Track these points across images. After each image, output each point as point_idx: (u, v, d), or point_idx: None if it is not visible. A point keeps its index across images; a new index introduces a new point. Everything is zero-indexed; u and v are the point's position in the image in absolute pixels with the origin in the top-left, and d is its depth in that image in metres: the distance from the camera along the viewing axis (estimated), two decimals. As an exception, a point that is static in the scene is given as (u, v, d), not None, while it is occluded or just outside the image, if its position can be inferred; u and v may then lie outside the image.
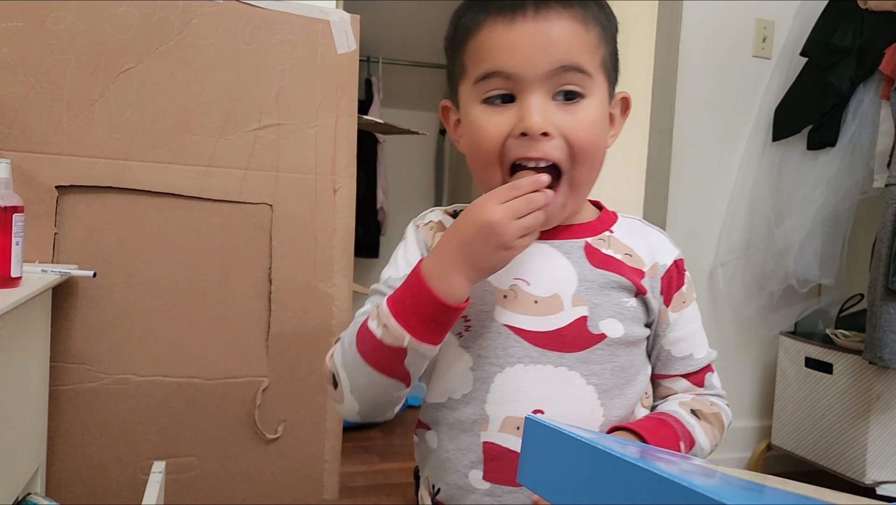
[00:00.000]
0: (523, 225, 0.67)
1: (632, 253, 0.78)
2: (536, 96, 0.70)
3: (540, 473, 0.45)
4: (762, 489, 0.47)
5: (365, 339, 0.69)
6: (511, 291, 0.74)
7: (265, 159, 1.34)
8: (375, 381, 0.69)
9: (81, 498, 1.26)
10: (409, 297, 0.68)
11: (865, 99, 2.01)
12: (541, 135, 0.69)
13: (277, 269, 1.36)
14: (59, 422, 1.24)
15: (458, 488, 0.76)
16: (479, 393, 0.74)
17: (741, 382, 2.29)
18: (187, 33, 1.28)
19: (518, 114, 0.71)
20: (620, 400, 0.75)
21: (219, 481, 1.36)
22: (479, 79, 0.72)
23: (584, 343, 0.73)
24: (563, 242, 0.77)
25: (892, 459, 1.95)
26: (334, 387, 0.73)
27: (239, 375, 1.35)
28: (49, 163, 1.21)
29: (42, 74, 1.20)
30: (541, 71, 0.70)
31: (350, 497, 2.01)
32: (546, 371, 0.73)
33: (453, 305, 0.66)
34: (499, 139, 0.71)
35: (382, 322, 0.68)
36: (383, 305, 0.69)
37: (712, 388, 0.83)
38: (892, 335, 1.75)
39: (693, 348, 0.81)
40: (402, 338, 0.67)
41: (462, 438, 0.75)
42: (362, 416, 0.73)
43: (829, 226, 2.09)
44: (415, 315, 0.67)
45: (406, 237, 0.81)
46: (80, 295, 1.24)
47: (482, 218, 0.67)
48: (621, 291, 0.75)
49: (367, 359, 0.69)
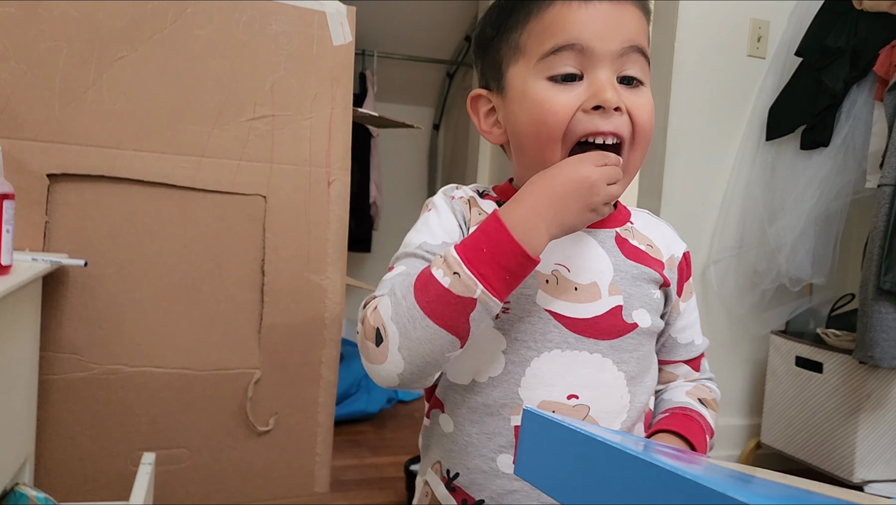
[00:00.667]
0: (611, 192, 0.68)
1: (652, 244, 0.80)
2: (607, 71, 0.71)
3: (538, 465, 0.44)
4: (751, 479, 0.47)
5: (427, 288, 0.64)
6: (553, 276, 0.74)
7: (259, 150, 1.33)
8: (433, 336, 0.64)
9: (70, 489, 1.25)
10: (488, 245, 0.64)
11: (859, 100, 2.02)
12: (614, 109, 0.70)
13: (270, 260, 1.36)
14: (48, 412, 1.23)
15: (481, 473, 0.75)
16: (511, 376, 0.74)
17: (732, 380, 2.30)
18: (182, 22, 1.27)
19: (589, 89, 0.70)
20: (642, 387, 0.77)
21: (209, 473, 1.35)
22: (547, 54, 0.71)
23: (619, 331, 0.75)
24: (597, 231, 0.78)
25: (880, 458, 1.96)
26: (377, 344, 0.66)
27: (231, 366, 1.35)
28: (40, 151, 1.20)
29: (34, 61, 1.19)
30: (614, 47, 0.70)
31: (341, 491, 2.01)
32: (581, 357, 0.74)
33: (534, 257, 0.65)
34: (567, 114, 0.70)
35: (452, 270, 0.63)
36: (453, 253, 0.65)
37: (705, 371, 0.88)
38: (882, 335, 1.76)
39: (695, 335, 0.85)
40: (475, 288, 0.63)
41: (488, 422, 0.74)
42: (402, 379, 0.66)
43: (822, 225, 2.10)
44: (492, 265, 0.64)
45: (436, 206, 0.78)
46: (70, 284, 1.23)
47: (582, 174, 0.67)
48: (650, 282, 0.77)
49: (427, 310, 0.64)
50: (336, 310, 1.41)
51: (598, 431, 0.43)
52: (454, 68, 3.63)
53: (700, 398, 0.83)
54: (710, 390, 0.85)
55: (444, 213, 0.77)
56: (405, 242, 0.77)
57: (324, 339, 1.41)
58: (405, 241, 0.77)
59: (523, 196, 0.67)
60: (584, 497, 0.40)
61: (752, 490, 0.40)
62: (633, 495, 0.37)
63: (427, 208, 0.80)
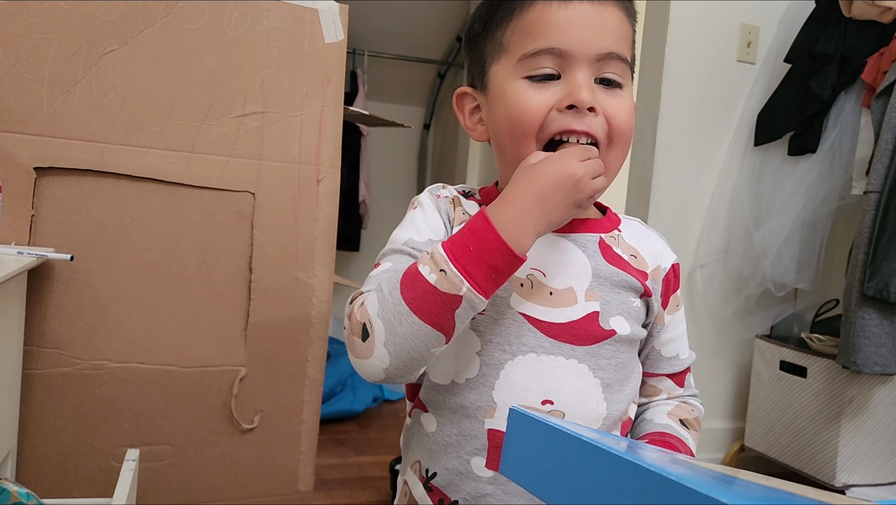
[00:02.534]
0: (595, 186, 0.69)
1: (636, 255, 0.80)
2: (584, 74, 0.71)
3: (523, 464, 0.45)
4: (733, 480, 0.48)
5: (414, 284, 0.65)
6: (528, 280, 0.74)
7: (249, 147, 1.33)
8: (418, 331, 0.65)
9: (53, 484, 1.25)
10: (475, 243, 0.65)
11: (846, 107, 2.04)
12: (587, 110, 0.70)
13: (258, 257, 1.35)
14: (31, 407, 1.23)
15: (457, 474, 0.75)
16: (486, 379, 0.74)
17: (716, 384, 2.31)
18: (173, 17, 1.27)
19: (565, 89, 0.71)
20: (620, 396, 0.77)
21: (193, 470, 1.35)
22: (526, 56, 0.72)
23: (595, 337, 0.74)
24: (579, 236, 0.78)
25: (861, 462, 1.98)
26: (363, 339, 0.67)
27: (216, 363, 1.34)
28: (28, 143, 1.19)
29: (23, 54, 1.18)
30: (593, 52, 0.71)
31: (324, 490, 2.00)
32: (557, 362, 0.73)
33: (521, 255, 0.65)
34: (541, 112, 0.71)
35: (439, 267, 0.64)
36: (439, 250, 0.66)
37: (690, 387, 0.87)
38: (865, 340, 1.77)
39: (679, 349, 0.84)
40: (461, 286, 0.64)
41: (464, 424, 0.75)
42: (388, 374, 0.67)
43: (807, 231, 2.11)
44: (478, 263, 0.64)
45: (422, 204, 0.79)
46: (56, 278, 1.23)
47: (567, 171, 0.67)
48: (630, 290, 0.77)
49: (413, 306, 0.64)
50: (323, 308, 1.41)
51: (583, 432, 0.44)
52: (445, 68, 3.63)
53: (682, 419, 0.83)
54: (692, 409, 0.85)
55: (430, 211, 0.78)
56: (391, 239, 0.77)
57: (310, 337, 1.41)
58: (391, 238, 0.77)
59: (510, 194, 0.67)
60: (568, 497, 0.41)
61: (733, 491, 0.40)
62: (618, 496, 0.37)
63: (413, 206, 0.80)
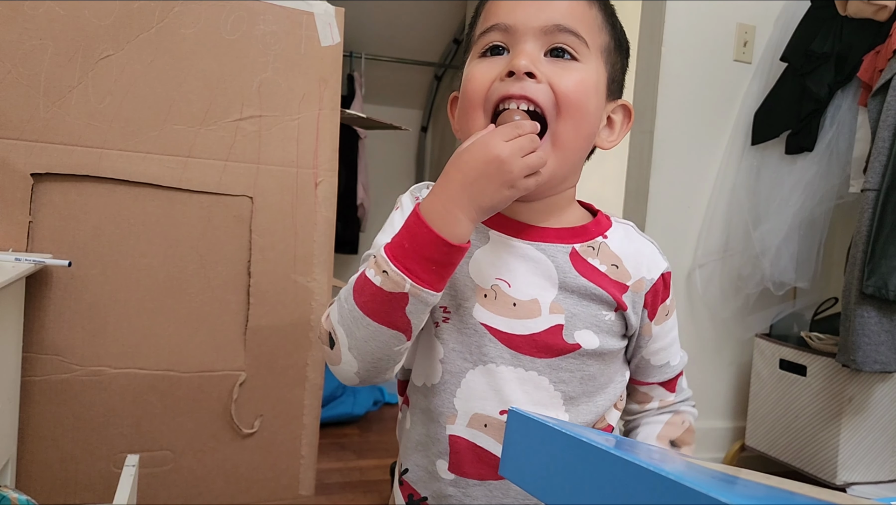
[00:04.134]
0: (528, 164, 0.67)
1: (619, 265, 0.77)
2: (528, 45, 0.72)
3: (523, 465, 0.44)
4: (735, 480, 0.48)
5: (363, 289, 0.67)
6: (492, 290, 0.74)
7: (246, 151, 1.33)
8: (375, 333, 0.67)
9: (53, 491, 1.24)
10: (409, 239, 0.65)
11: (843, 105, 2.04)
12: (526, 75, 0.70)
13: (257, 262, 1.35)
14: (30, 414, 1.22)
15: (425, 472, 0.77)
16: (448, 386, 0.75)
17: (716, 383, 2.31)
18: (169, 21, 1.27)
19: (509, 60, 0.72)
20: (588, 407, 0.76)
21: (193, 476, 1.35)
22: (479, 36, 0.75)
23: (557, 351, 0.74)
24: (549, 246, 0.76)
25: (862, 460, 1.98)
26: (331, 347, 0.70)
27: (216, 368, 1.34)
28: (25, 150, 1.19)
29: (19, 59, 1.18)
30: (535, 24, 0.72)
31: (326, 494, 2.00)
32: (517, 374, 0.73)
33: (457, 244, 0.65)
34: (486, 82, 0.72)
35: (381, 269, 0.65)
36: (381, 252, 0.67)
37: (682, 392, 0.86)
38: (865, 338, 1.77)
39: (670, 357, 0.83)
40: (403, 283, 0.64)
41: (431, 426, 0.76)
42: (360, 376, 0.70)
43: (806, 230, 2.11)
44: (415, 258, 0.65)
45: (402, 206, 0.80)
46: (54, 285, 1.22)
47: (490, 154, 0.66)
48: (601, 303, 0.75)
49: (365, 310, 0.66)
50: (322, 311, 1.41)
51: (582, 432, 0.43)
52: (442, 71, 3.64)
53: (672, 440, 0.82)
54: (682, 421, 0.84)
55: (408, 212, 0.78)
56: (373, 244, 0.78)
57: (310, 341, 1.41)
58: (373, 242, 0.78)
59: (439, 186, 0.68)
60: (568, 497, 0.40)
61: (734, 490, 0.40)
62: (617, 496, 0.37)
63: (396, 207, 0.81)
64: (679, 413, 0.85)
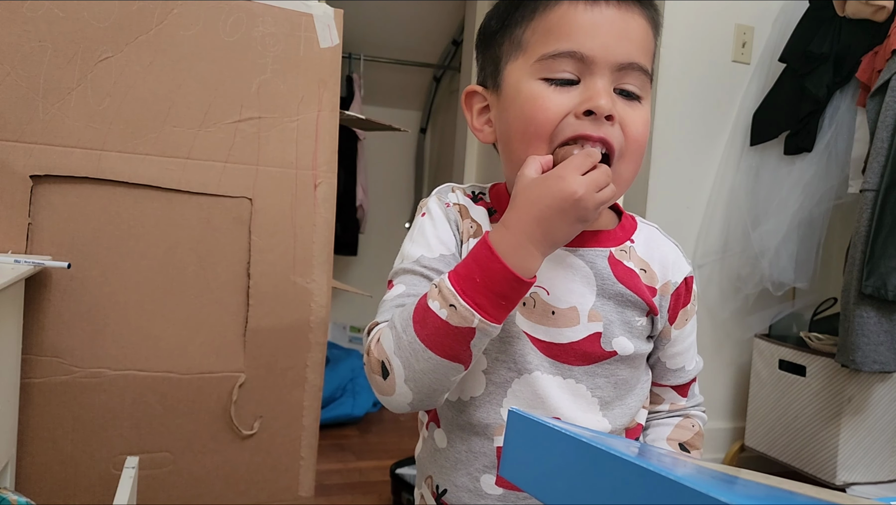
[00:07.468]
0: (602, 199, 0.65)
1: (647, 268, 0.77)
2: (605, 81, 0.69)
3: (523, 466, 0.45)
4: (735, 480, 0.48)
5: (425, 321, 0.64)
6: (531, 298, 0.73)
7: (245, 153, 1.33)
8: (436, 366, 0.64)
9: (52, 493, 1.24)
10: (480, 273, 0.63)
11: (842, 106, 2.04)
12: (605, 118, 0.68)
13: (256, 263, 1.35)
14: (30, 415, 1.22)
15: (467, 491, 0.75)
16: (493, 397, 0.73)
17: (716, 384, 2.31)
18: (168, 23, 1.27)
19: (584, 94, 0.69)
20: (622, 410, 0.76)
21: (193, 477, 1.34)
22: (546, 56, 0.70)
23: (595, 358, 0.73)
24: (587, 251, 0.75)
25: (861, 460, 1.98)
26: (383, 377, 0.67)
27: (215, 370, 1.34)
28: (24, 152, 1.19)
29: (18, 61, 1.18)
30: (615, 60, 0.69)
31: (325, 495, 2.00)
32: (556, 382, 0.73)
33: (528, 280, 0.64)
34: (558, 115, 0.69)
35: (448, 302, 0.63)
36: (447, 284, 0.64)
37: (693, 397, 0.86)
38: (864, 339, 1.77)
39: (686, 361, 0.83)
40: (472, 318, 0.63)
41: (474, 441, 0.74)
42: (413, 406, 0.68)
43: (805, 230, 2.11)
44: (486, 293, 0.63)
45: (432, 214, 0.77)
46: (53, 287, 1.22)
47: (566, 190, 0.64)
48: (635, 309, 0.75)
49: (427, 343, 0.64)
50: (322, 313, 1.41)
51: (583, 433, 0.43)
52: (441, 72, 3.64)
53: (682, 443, 0.83)
54: (691, 425, 0.85)
55: (440, 222, 0.76)
56: (403, 254, 0.76)
57: (309, 342, 1.41)
58: (403, 253, 0.76)
59: (511, 219, 0.66)
60: (569, 498, 0.41)
61: (735, 491, 0.40)
62: (618, 497, 0.37)
63: (421, 213, 0.78)
64: (689, 417, 0.85)
